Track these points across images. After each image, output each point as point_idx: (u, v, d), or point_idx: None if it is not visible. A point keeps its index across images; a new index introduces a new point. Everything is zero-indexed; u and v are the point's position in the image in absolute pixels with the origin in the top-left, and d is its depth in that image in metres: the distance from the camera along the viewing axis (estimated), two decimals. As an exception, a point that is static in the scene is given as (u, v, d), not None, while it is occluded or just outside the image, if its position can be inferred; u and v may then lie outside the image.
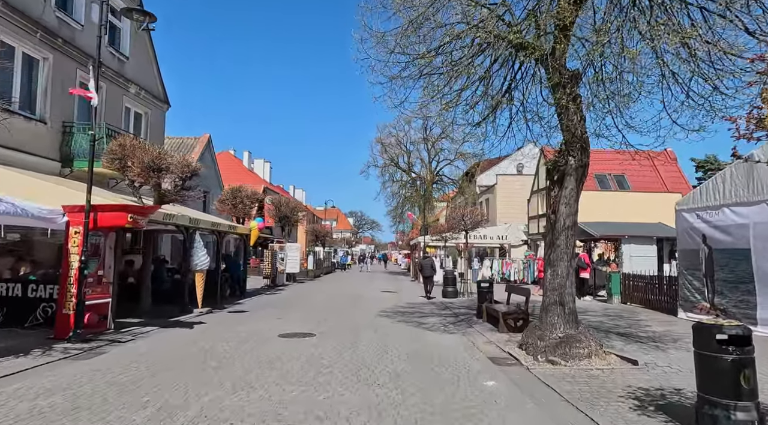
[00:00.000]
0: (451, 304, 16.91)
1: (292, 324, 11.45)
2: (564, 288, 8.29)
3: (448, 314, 13.92)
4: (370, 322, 11.94)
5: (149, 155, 11.50)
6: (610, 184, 27.41)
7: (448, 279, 19.79)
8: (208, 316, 12.68)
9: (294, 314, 13.18)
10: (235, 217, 19.26)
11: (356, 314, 13.60)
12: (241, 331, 10.19)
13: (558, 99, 8.21)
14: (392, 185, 41.38)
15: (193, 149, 25.28)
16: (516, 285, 18.20)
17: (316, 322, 11.76)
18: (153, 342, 8.88)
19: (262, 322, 11.61)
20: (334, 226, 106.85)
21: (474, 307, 15.71)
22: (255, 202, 19.54)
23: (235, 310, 14.11)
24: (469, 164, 40.77)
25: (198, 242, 13.52)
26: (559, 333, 8.06)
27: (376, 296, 19.85)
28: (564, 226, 8.36)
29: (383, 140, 40.48)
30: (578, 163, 8.33)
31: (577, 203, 8.47)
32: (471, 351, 8.61)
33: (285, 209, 28.32)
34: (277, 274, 24.56)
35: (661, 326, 11.56)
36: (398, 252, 74.02)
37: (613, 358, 7.87)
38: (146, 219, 9.46)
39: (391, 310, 14.69)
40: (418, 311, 14.75)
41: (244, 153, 52.27)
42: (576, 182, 8.39)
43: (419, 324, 11.74)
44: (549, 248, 8.59)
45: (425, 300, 18.32)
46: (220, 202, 18.67)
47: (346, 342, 9.08)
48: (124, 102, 16.59)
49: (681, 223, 13.00)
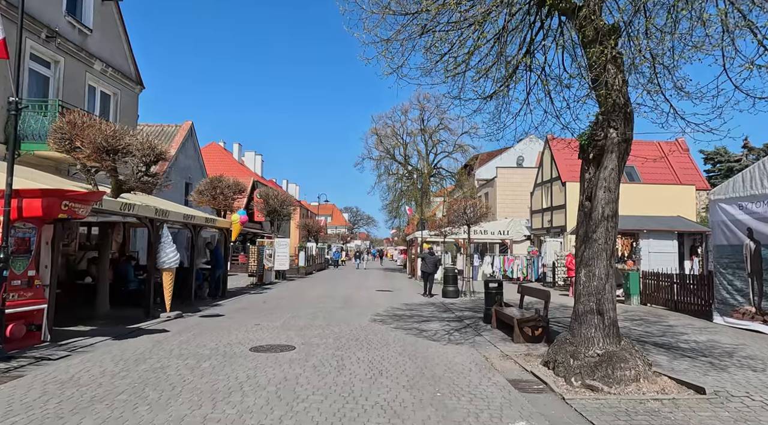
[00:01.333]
0: (452, 305, 15.29)
1: (271, 331, 9.77)
2: (602, 293, 6.64)
3: (451, 319, 12.28)
4: (362, 330, 10.28)
5: (102, 134, 9.74)
6: (619, 176, 25.79)
7: (448, 277, 18.16)
8: (175, 322, 10.97)
9: (276, 319, 11.50)
10: (215, 209, 17.52)
11: (348, 318, 11.94)
12: (206, 343, 8.49)
13: (594, 59, 6.52)
14: (388, 178, 39.75)
15: (174, 137, 23.48)
16: (531, 286, 16.48)
17: (300, 329, 10.08)
18: (90, 359, 7.17)
19: (236, 330, 9.91)
20: (329, 222, 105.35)
21: (479, 309, 14.11)
22: (237, 193, 17.81)
23: (210, 314, 12.41)
24: (468, 157, 39.15)
25: (166, 236, 11.81)
26: (598, 350, 6.42)
27: (370, 295, 18.19)
28: (602, 216, 6.70)
29: (378, 130, 38.77)
30: (621, 136, 6.66)
31: (618, 188, 6.81)
32: (486, 371, 6.96)
33: (274, 202, 26.55)
34: (264, 271, 22.86)
35: (700, 334, 9.96)
36: (394, 248, 72.39)
37: (666, 382, 6.24)
38: (87, 208, 7.73)
39: (387, 313, 13.04)
40: (417, 314, 13.10)
41: (234, 145, 50.45)
42: (618, 160, 6.73)
43: (420, 332, 10.08)
44: (583, 244, 6.93)
45: (424, 300, 16.69)
46: (197, 193, 16.94)
47: (331, 359, 7.41)
48: (87, 80, 14.79)
49: (717, 215, 11.39)
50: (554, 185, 26.18)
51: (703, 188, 25.59)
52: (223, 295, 16.57)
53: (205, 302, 14.92)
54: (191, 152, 24.65)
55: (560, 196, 25.20)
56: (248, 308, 13.85)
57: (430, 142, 39.23)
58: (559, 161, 25.87)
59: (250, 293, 18.23)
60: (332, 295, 18.05)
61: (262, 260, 22.24)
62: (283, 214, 26.82)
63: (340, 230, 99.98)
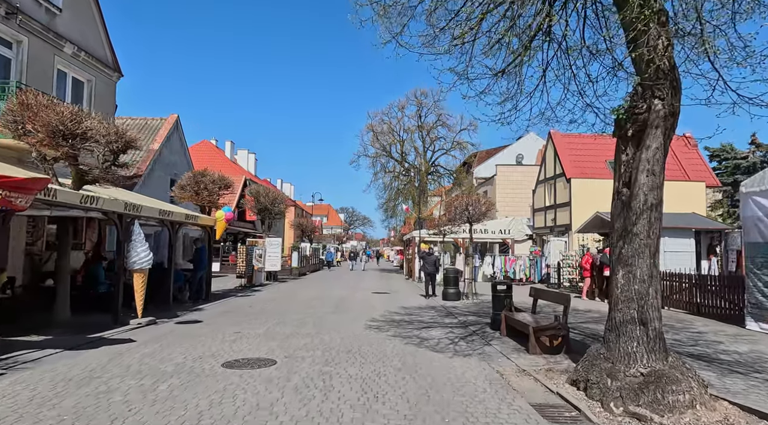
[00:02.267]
0: (454, 309, 14.12)
1: (252, 341, 8.56)
2: (645, 298, 5.49)
3: (454, 324, 11.11)
4: (355, 339, 9.09)
5: (58, 117, 8.52)
6: (626, 172, 24.70)
7: (449, 279, 16.98)
8: (145, 330, 9.75)
9: (259, 326, 10.30)
10: (199, 206, 16.29)
11: (339, 324, 10.75)
12: (173, 357, 7.28)
13: (635, 15, 5.36)
14: (384, 176, 38.52)
15: (158, 130, 22.21)
16: (544, 288, 15.15)
17: (285, 338, 8.88)
18: (25, 380, 5.96)
19: (212, 339, 8.70)
20: (325, 222, 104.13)
21: (484, 314, 12.96)
22: (223, 189, 16.58)
23: (187, 320, 11.19)
24: (467, 154, 38.04)
25: (137, 234, 10.59)
26: (641, 368, 5.26)
27: (366, 298, 17.00)
28: (645, 205, 5.54)
29: (374, 127, 37.59)
30: (668, 109, 5.50)
31: (663, 172, 5.64)
32: (503, 392, 5.78)
33: (265, 199, 25.34)
34: (253, 273, 21.64)
35: (738, 343, 8.82)
36: (390, 248, 71.23)
37: (728, 408, 5.09)
38: (28, 198, 6.51)
39: (384, 318, 11.85)
40: (417, 319, 11.92)
41: (226, 143, 49.13)
42: (663, 137, 5.56)
43: (421, 342, 8.90)
44: (620, 240, 5.76)
45: (423, 303, 15.51)
46: (179, 188, 15.70)
47: (317, 378, 6.22)
48: (55, 63, 13.53)
49: (750, 209, 10.26)
50: (558, 182, 25.08)
51: (713, 184, 24.56)
52: (206, 298, 15.33)
53: (186, 306, 13.69)
54: (177, 147, 23.39)
55: (565, 193, 24.10)
56: (232, 312, 12.63)
57: (428, 139, 38.12)
58: (563, 156, 24.78)
59: (236, 296, 17.00)
60: (325, 298, 16.84)
61: (251, 261, 21.01)
62: (275, 212, 25.61)
63: (335, 231, 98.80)
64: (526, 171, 35.61)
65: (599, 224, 18.10)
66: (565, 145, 25.54)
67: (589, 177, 23.88)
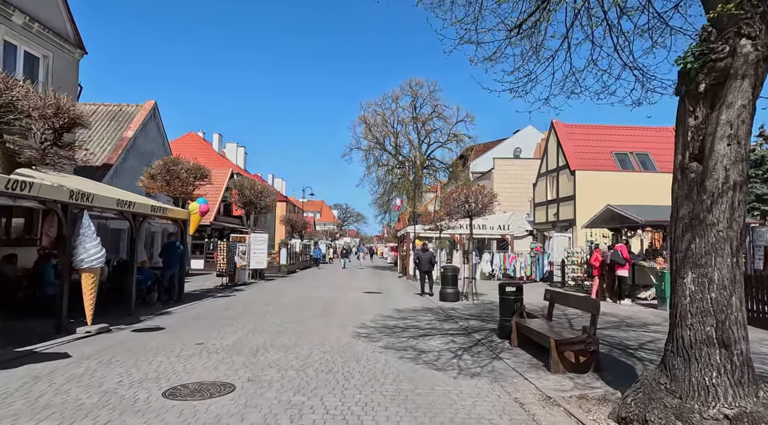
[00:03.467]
0: (453, 311, 12.68)
1: (212, 358, 7.06)
2: (728, 312, 4.04)
3: (455, 331, 9.66)
4: (340, 352, 7.61)
5: (-25, 83, 6.94)
6: (633, 164, 23.39)
7: (447, 277, 15.55)
8: (91, 340, 8.22)
9: (229, 335, 8.79)
10: (171, 197, 14.71)
11: (324, 331, 9.26)
12: (104, 381, 5.76)
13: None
14: (378, 170, 37.04)
15: (132, 117, 20.57)
16: (559, 290, 13.63)
17: (254, 352, 7.39)
18: None
19: (164, 355, 7.19)
20: (318, 218, 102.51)
21: (487, 317, 11.55)
22: (200, 179, 15.02)
23: (148, 327, 9.65)
24: (464, 147, 36.65)
25: (87, 227, 9.04)
26: (726, 408, 3.82)
27: (356, 299, 15.53)
28: (726, 184, 4.08)
29: (367, 118, 36.06)
30: (761, 51, 4.04)
31: (749, 139, 4.18)
32: (530, 435, 4.32)
33: (250, 192, 23.78)
34: (236, 271, 20.08)
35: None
36: (384, 245, 69.72)
37: None
38: None
39: (375, 324, 10.38)
40: (413, 324, 10.46)
41: (214, 135, 47.36)
42: (752, 91, 4.10)
43: (418, 355, 7.44)
44: (688, 231, 4.29)
45: (419, 305, 14.07)
46: (149, 177, 14.11)
47: (282, 414, 4.74)
48: (2, 34, 11.91)
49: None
50: (561, 175, 23.69)
51: (725, 177, 23.28)
52: (179, 299, 13.79)
53: (154, 309, 12.16)
54: (154, 135, 21.75)
55: (568, 186, 22.72)
56: (203, 317, 11.11)
57: (423, 131, 36.69)
58: (567, 147, 23.39)
59: (214, 297, 15.47)
60: (311, 298, 15.34)
61: (233, 258, 19.46)
62: (261, 206, 24.05)
63: (329, 227, 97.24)
64: (526, 165, 34.22)
65: (609, 219, 16.72)
66: (569, 135, 24.16)
67: (595, 169, 22.51)
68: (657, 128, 25.36)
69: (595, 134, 24.55)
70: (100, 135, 19.55)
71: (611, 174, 22.37)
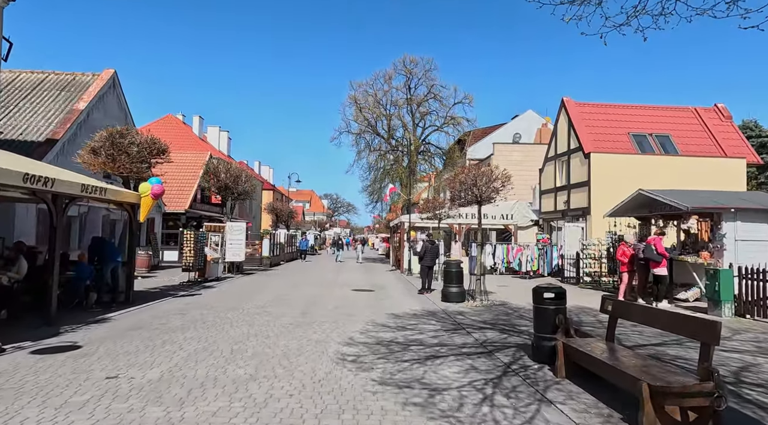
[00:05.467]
0: (461, 317, 10.33)
1: (117, 406, 4.60)
2: None
3: (472, 349, 7.28)
4: (314, 394, 5.18)
5: None
6: (652, 146, 21.08)
7: (451, 274, 13.18)
8: (-44, 371, 5.70)
9: (161, 359, 6.33)
10: (120, 177, 12.11)
11: (296, 351, 6.84)
12: None
13: None
14: (369, 155, 34.45)
15: (87, 87, 17.82)
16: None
17: (184, 396, 4.94)
18: None
19: (39, 403, 4.71)
20: (307, 208, 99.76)
21: (505, 325, 9.23)
22: (156, 155, 12.43)
23: (58, 345, 7.14)
24: (461, 131, 34.15)
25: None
26: None
27: (344, 299, 13.11)
28: None
29: (358, 99, 33.38)
30: None
31: None
32: None
33: (226, 176, 21.19)
34: (207, 264, 17.56)
35: None
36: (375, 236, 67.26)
37: None
38: None
39: (366, 338, 7.97)
40: (414, 338, 8.06)
41: (194, 118, 44.34)
42: None
43: (429, 398, 5.04)
44: None
45: (418, 307, 11.69)
46: (89, 152, 11.49)
47: None
48: None
49: None
50: (573, 159, 21.35)
51: (755, 162, 21.07)
52: (127, 300, 11.29)
53: (89, 314, 9.66)
54: (114, 110, 19.00)
55: (582, 171, 20.39)
56: (143, 327, 8.62)
57: (418, 114, 34.11)
58: (580, 128, 21.01)
59: (175, 296, 12.98)
60: (290, 298, 12.89)
61: (202, 250, 16.92)
62: (238, 192, 21.48)
63: (318, 217, 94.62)
64: (528, 150, 31.89)
65: (638, 206, 14.40)
66: (582, 115, 21.78)
67: (611, 152, 20.18)
68: (677, 107, 23.07)
69: (611, 113, 22.20)
70: (47, 107, 16.83)
71: (629, 157, 20.07)
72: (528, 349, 7.10)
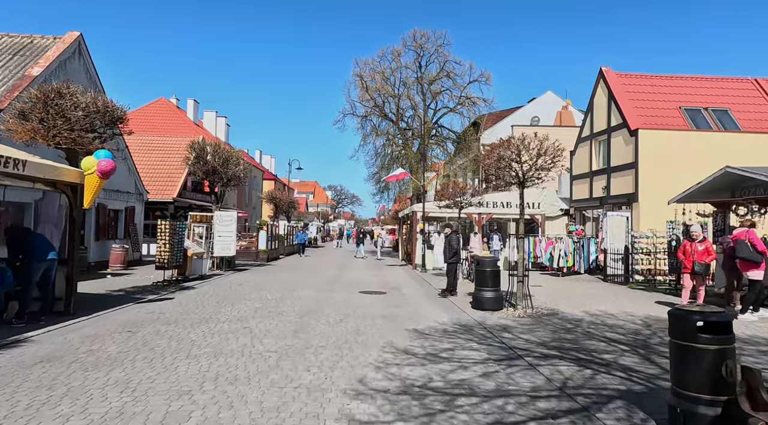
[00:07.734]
0: (509, 335, 7.55)
1: None
2: None
3: (552, 402, 4.48)
4: None
5: None
6: (708, 122, 18.13)
7: (485, 275, 10.44)
8: None
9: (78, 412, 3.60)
10: (59, 148, 9.33)
11: (277, 415, 4.11)
12: None
13: None
14: (375, 139, 31.61)
15: (45, 51, 15.05)
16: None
17: None
18: None
19: None
20: (311, 200, 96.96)
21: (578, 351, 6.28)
22: (109, 124, 9.67)
23: None
24: (477, 113, 31.22)
25: None
26: None
27: (350, 305, 10.36)
28: None
29: (364, 76, 30.47)
30: None
31: None
32: None
33: (213, 159, 18.44)
34: (187, 260, 14.86)
35: None
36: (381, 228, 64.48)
37: None
38: None
39: (386, 379, 5.20)
40: (459, 381, 5.29)
41: (189, 102, 41.51)
42: None
43: None
44: None
45: (445, 317, 8.94)
46: (16, 115, 8.72)
47: None
48: None
49: None
50: (614, 138, 18.44)
51: (829, 140, 18.07)
52: (66, 311, 8.58)
53: (5, 332, 6.97)
54: (81, 80, 16.13)
55: (626, 151, 17.49)
56: (61, 357, 5.90)
57: (429, 94, 31.17)
58: (624, 102, 18.07)
59: (140, 301, 10.30)
60: (281, 308, 10.14)
61: (180, 244, 14.18)
62: (228, 177, 18.72)
63: (322, 209, 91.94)
64: (551, 132, 28.87)
65: (715, 189, 11.55)
66: (625, 87, 18.83)
67: (662, 128, 17.26)
68: (734, 78, 20.08)
69: (658, 85, 19.24)
70: (-6, 72, 14.08)
71: (684, 134, 17.15)
72: (649, 404, 4.35)
